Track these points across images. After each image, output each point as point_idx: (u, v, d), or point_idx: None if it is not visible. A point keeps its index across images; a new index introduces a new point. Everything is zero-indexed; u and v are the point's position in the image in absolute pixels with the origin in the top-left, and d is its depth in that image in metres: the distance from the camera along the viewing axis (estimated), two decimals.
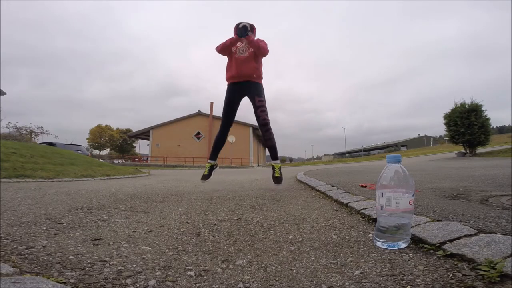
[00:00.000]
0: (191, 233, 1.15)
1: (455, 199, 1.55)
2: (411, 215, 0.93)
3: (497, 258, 0.69)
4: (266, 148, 2.70)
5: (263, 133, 2.62)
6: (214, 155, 2.80)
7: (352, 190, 2.07)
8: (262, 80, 2.75)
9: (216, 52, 2.73)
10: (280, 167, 2.68)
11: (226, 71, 2.73)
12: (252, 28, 2.71)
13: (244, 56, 2.63)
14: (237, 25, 2.61)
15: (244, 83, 2.64)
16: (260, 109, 2.60)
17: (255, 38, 2.70)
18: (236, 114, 2.79)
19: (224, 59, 2.78)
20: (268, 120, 2.62)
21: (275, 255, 0.88)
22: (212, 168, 2.76)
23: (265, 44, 2.69)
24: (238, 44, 2.63)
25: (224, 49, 2.66)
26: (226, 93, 2.74)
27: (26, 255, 0.85)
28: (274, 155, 2.68)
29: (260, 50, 2.61)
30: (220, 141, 2.77)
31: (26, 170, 4.28)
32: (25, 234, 1.09)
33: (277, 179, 2.58)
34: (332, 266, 0.78)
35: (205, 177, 2.68)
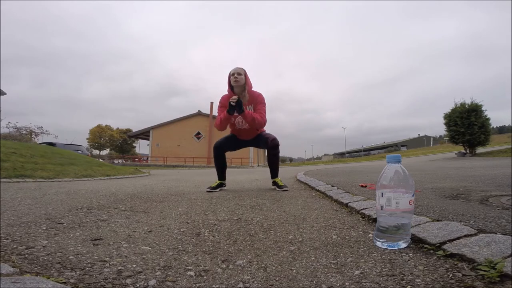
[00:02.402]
0: (191, 233, 1.15)
1: (455, 199, 1.55)
2: (411, 215, 0.93)
3: (497, 258, 0.69)
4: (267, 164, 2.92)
5: (271, 157, 2.83)
6: (222, 175, 2.89)
7: (352, 190, 2.07)
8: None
9: (217, 128, 2.78)
10: (280, 179, 2.85)
11: (230, 128, 2.87)
12: (245, 76, 2.67)
13: (245, 128, 2.76)
14: (229, 102, 2.50)
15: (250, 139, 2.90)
16: (269, 138, 2.76)
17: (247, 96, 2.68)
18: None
19: (224, 59, 2.82)
20: (278, 143, 2.78)
21: (275, 255, 0.88)
22: (221, 185, 2.85)
23: (261, 111, 2.68)
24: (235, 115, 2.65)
25: (225, 126, 2.74)
26: (229, 137, 2.90)
27: (26, 255, 0.85)
28: (275, 174, 2.87)
29: (256, 126, 2.70)
30: (223, 165, 2.88)
31: (26, 170, 4.28)
32: (25, 234, 1.09)
33: (283, 187, 2.68)
34: (332, 266, 0.78)
35: (211, 189, 2.74)
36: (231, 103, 2.46)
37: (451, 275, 0.68)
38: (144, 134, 31.83)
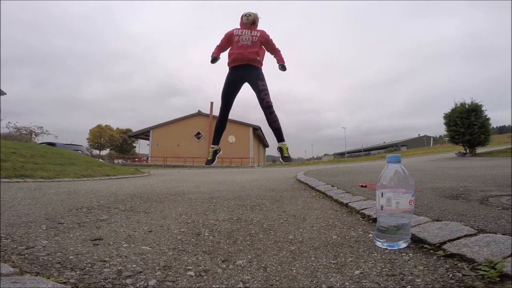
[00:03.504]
0: (191, 233, 1.15)
1: (455, 199, 1.54)
2: (411, 215, 0.93)
3: (497, 258, 0.69)
4: (272, 131, 2.72)
5: (268, 116, 2.66)
6: (216, 139, 2.83)
7: (352, 190, 2.07)
8: (262, 67, 2.79)
9: (213, 57, 2.75)
10: (287, 147, 2.69)
11: (228, 56, 2.77)
12: (256, 18, 2.76)
13: (247, 44, 2.67)
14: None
15: (245, 66, 2.69)
16: (263, 92, 2.65)
17: (258, 33, 2.72)
18: (236, 115, 2.83)
19: (224, 59, 2.81)
20: (272, 103, 2.65)
21: (275, 255, 0.88)
22: (215, 152, 2.80)
23: (273, 45, 2.79)
24: (240, 33, 2.66)
25: (223, 46, 2.71)
26: (227, 76, 2.77)
27: (26, 255, 0.85)
28: (280, 137, 2.71)
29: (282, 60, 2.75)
30: (221, 125, 2.79)
31: (26, 170, 4.28)
32: (25, 234, 1.09)
33: (287, 159, 2.59)
34: (332, 266, 0.78)
35: (209, 162, 2.71)
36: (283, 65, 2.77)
37: (451, 275, 0.68)
38: (144, 134, 31.83)
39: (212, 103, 27.61)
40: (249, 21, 2.72)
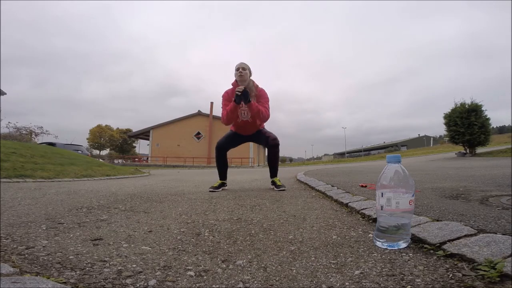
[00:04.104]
0: (191, 233, 1.15)
1: (455, 199, 1.55)
2: (411, 215, 0.93)
3: (497, 258, 0.69)
4: (266, 162, 2.96)
5: (271, 156, 2.85)
6: (223, 175, 2.94)
7: (352, 190, 2.07)
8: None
9: (225, 125, 2.87)
10: (279, 179, 2.90)
11: (232, 125, 2.91)
12: (249, 71, 2.75)
13: (247, 120, 2.78)
14: (236, 92, 2.57)
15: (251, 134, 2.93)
16: (270, 137, 2.82)
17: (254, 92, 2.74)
18: None
19: (223, 60, 2.86)
20: (279, 142, 2.82)
21: (275, 255, 0.88)
22: (222, 185, 2.89)
23: (264, 105, 2.75)
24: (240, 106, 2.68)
25: (231, 118, 2.77)
26: (230, 134, 2.95)
27: (26, 255, 0.85)
28: (274, 174, 2.92)
29: (261, 119, 2.77)
30: (225, 164, 2.96)
31: (26, 170, 4.28)
32: (25, 234, 1.09)
33: (281, 187, 2.71)
34: (332, 266, 0.78)
35: (214, 188, 2.76)
36: (237, 92, 2.55)
37: (451, 275, 0.68)
38: (144, 134, 31.83)
39: (212, 103, 27.61)
40: (243, 79, 2.68)
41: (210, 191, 2.68)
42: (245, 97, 2.54)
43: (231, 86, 2.79)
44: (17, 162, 4.66)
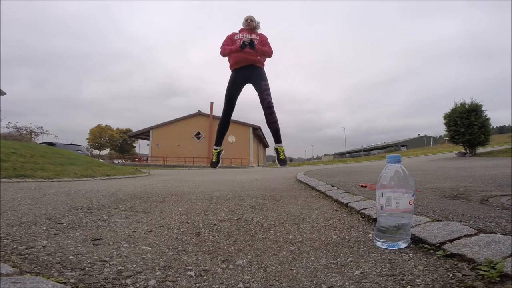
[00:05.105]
0: (191, 233, 1.15)
1: (455, 199, 1.54)
2: (411, 215, 0.93)
3: (497, 258, 0.69)
4: (270, 131, 2.77)
5: (267, 116, 2.70)
6: (219, 140, 2.87)
7: (352, 190, 2.07)
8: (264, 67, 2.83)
9: (222, 56, 2.81)
10: (283, 150, 2.72)
11: (230, 59, 2.81)
12: (257, 24, 2.81)
13: (249, 50, 2.70)
14: (243, 37, 2.65)
15: (248, 67, 2.73)
16: (265, 92, 2.69)
17: (257, 36, 2.76)
18: (236, 115, 2.85)
19: (223, 60, 2.86)
20: (273, 103, 2.69)
21: (275, 255, 0.88)
22: (219, 154, 2.83)
23: (268, 45, 2.78)
24: (241, 36, 2.70)
25: (229, 53, 2.75)
26: (230, 78, 2.82)
27: (26, 255, 0.85)
28: (278, 138, 2.74)
29: (265, 55, 2.75)
30: (224, 126, 2.84)
31: (26, 170, 4.28)
32: (25, 234, 1.09)
33: (282, 161, 2.63)
34: (332, 266, 0.78)
35: (214, 164, 2.74)
36: (245, 42, 2.57)
37: (451, 275, 0.68)
38: (144, 134, 31.82)
39: (212, 103, 27.61)
40: (250, 27, 2.78)
41: (212, 167, 2.70)
42: (251, 46, 2.62)
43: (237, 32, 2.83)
44: (17, 162, 4.66)
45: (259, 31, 2.86)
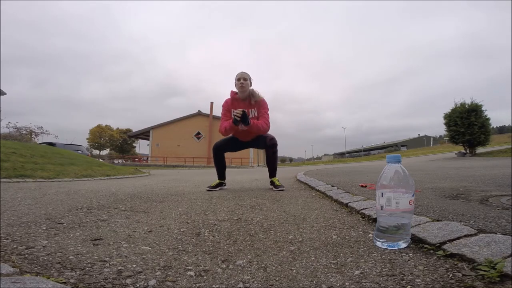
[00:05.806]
0: (191, 233, 1.15)
1: (455, 199, 1.55)
2: (411, 215, 0.93)
3: (497, 258, 0.69)
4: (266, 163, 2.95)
5: (270, 155, 2.84)
6: (222, 175, 2.95)
7: (352, 190, 2.07)
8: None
9: (223, 132, 2.84)
10: (277, 179, 2.90)
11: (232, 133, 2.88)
12: (250, 80, 2.77)
13: (246, 129, 2.77)
14: (234, 117, 2.59)
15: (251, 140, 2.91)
16: (267, 138, 2.81)
17: (254, 108, 2.76)
18: None
19: (223, 60, 2.87)
20: (276, 142, 2.82)
21: (275, 255, 0.88)
22: (220, 184, 2.90)
23: (265, 118, 2.75)
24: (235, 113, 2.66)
25: (229, 134, 2.81)
26: (232, 139, 2.92)
27: (26, 255, 0.85)
28: (273, 174, 2.92)
29: (261, 133, 2.78)
30: (223, 164, 2.96)
31: (26, 170, 4.28)
32: (25, 234, 1.09)
33: (280, 186, 2.71)
34: (332, 266, 0.78)
35: (211, 188, 2.78)
36: (236, 117, 2.54)
37: (451, 275, 0.68)
38: (144, 134, 31.83)
39: (212, 103, 27.62)
40: (244, 91, 2.70)
41: (207, 190, 2.71)
42: (244, 120, 2.53)
43: (230, 96, 2.81)
44: (17, 162, 4.66)
45: (257, 90, 2.76)
